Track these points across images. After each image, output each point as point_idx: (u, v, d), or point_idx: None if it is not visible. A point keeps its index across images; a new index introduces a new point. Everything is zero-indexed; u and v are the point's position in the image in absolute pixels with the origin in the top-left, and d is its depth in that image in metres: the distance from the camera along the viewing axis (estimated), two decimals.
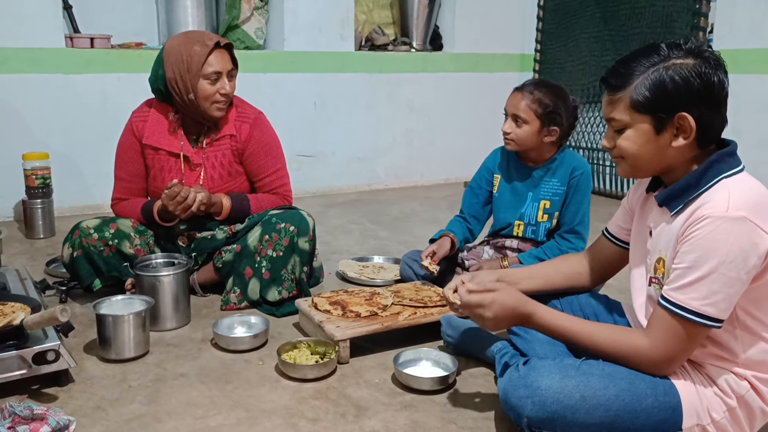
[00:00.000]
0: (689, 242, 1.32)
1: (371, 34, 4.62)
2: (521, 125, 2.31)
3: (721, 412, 1.40)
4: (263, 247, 2.25)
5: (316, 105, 4.26)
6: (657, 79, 1.34)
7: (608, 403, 1.38)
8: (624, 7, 4.12)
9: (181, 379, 1.83)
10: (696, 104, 1.34)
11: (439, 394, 1.76)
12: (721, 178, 1.35)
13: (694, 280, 1.31)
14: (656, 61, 1.36)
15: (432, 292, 2.24)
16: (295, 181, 4.23)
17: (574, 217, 2.36)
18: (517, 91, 2.33)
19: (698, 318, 1.32)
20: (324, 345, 1.93)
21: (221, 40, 2.28)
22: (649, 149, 1.40)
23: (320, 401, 1.72)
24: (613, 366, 1.46)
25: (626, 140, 1.41)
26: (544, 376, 1.41)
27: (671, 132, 1.37)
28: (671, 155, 1.40)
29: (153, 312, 2.08)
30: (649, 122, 1.37)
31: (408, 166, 4.68)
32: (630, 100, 1.37)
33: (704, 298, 1.31)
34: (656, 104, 1.35)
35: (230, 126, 2.39)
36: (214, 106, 2.29)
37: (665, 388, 1.40)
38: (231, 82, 2.31)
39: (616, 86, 1.39)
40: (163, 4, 3.98)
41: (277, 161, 2.47)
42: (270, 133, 2.48)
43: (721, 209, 1.30)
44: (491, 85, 4.75)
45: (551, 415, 1.38)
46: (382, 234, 3.41)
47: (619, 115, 1.40)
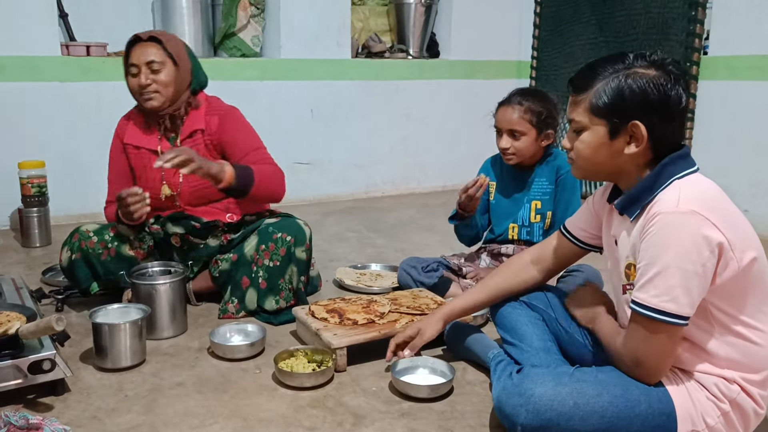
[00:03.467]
0: (645, 241, 1.35)
1: (368, 42, 4.63)
2: (519, 138, 2.31)
3: (716, 417, 1.40)
4: (260, 256, 2.25)
5: (312, 112, 4.26)
6: (616, 86, 1.38)
7: (602, 410, 1.38)
8: (619, 13, 4.13)
9: (178, 389, 1.82)
10: (650, 114, 1.38)
11: (437, 402, 1.75)
12: (674, 180, 1.38)
13: (651, 276, 1.32)
14: (619, 68, 1.39)
15: (429, 299, 2.24)
16: (291, 188, 4.21)
17: (564, 215, 2.36)
18: (506, 106, 2.33)
19: (658, 315, 1.32)
20: (321, 353, 1.92)
21: (143, 34, 2.28)
22: (602, 153, 1.43)
23: (317, 410, 1.71)
24: (606, 373, 1.46)
25: (582, 142, 1.45)
26: (538, 384, 1.42)
27: (624, 138, 1.41)
28: (623, 160, 1.43)
29: (149, 320, 2.07)
30: (604, 126, 1.41)
31: (405, 174, 4.68)
32: (589, 103, 1.41)
33: (663, 293, 1.31)
34: (612, 110, 1.39)
35: (200, 121, 2.36)
36: (142, 99, 2.29)
37: (659, 395, 1.40)
38: (155, 75, 2.25)
39: (580, 88, 1.43)
40: (160, 13, 3.98)
41: (257, 141, 2.41)
42: (244, 122, 2.43)
43: (671, 206, 1.32)
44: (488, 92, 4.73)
45: (545, 423, 1.38)
46: (380, 241, 3.41)
47: (579, 116, 1.43)
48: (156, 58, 2.24)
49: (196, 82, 2.37)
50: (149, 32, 2.30)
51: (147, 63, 2.24)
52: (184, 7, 3.92)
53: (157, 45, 2.26)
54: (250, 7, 4.09)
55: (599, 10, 4.28)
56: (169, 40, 2.29)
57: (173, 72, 2.27)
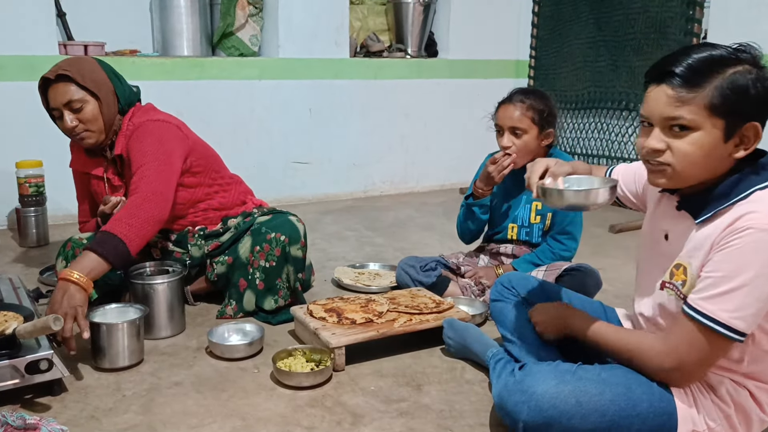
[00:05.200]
0: (726, 251, 1.28)
1: (366, 41, 4.62)
2: (521, 136, 2.31)
3: (718, 419, 1.40)
4: (255, 258, 2.24)
5: (311, 112, 4.25)
6: (741, 84, 1.26)
7: (604, 408, 1.38)
8: (617, 13, 4.13)
9: (176, 388, 1.81)
10: (765, 115, 1.31)
11: (435, 401, 1.75)
12: (754, 190, 1.31)
13: (726, 290, 1.27)
14: (730, 63, 1.28)
15: (428, 298, 2.24)
16: (290, 188, 4.29)
17: (565, 217, 2.37)
18: (507, 104, 2.32)
19: (725, 330, 1.28)
20: (319, 352, 1.92)
21: (51, 74, 2.12)
22: (714, 155, 1.30)
23: (316, 409, 1.71)
24: (609, 371, 1.46)
25: (692, 144, 1.29)
26: (540, 381, 1.41)
27: (735, 141, 1.30)
28: (725, 164, 1.33)
29: (147, 320, 2.06)
30: (722, 126, 1.28)
31: (404, 173, 4.68)
32: (709, 101, 1.26)
33: (735, 310, 1.27)
34: (734, 109, 1.27)
35: (119, 145, 2.23)
36: (76, 140, 2.21)
37: (661, 394, 1.40)
38: (78, 114, 2.13)
39: (692, 83, 1.27)
40: (158, 12, 3.97)
41: (144, 156, 2.13)
42: (144, 137, 2.18)
43: (764, 221, 1.25)
44: (486, 92, 4.74)
45: (547, 420, 1.38)
46: (378, 240, 3.40)
47: (691, 114, 1.27)
48: (73, 96, 2.11)
49: (123, 101, 2.23)
50: (56, 69, 2.12)
51: (65, 104, 2.12)
52: (182, 6, 3.90)
53: (70, 82, 2.11)
54: (249, 7, 4.08)
55: (597, 10, 4.27)
56: (81, 73, 2.12)
57: (96, 106, 2.15)
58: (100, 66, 2.22)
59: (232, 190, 2.44)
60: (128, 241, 1.93)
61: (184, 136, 2.27)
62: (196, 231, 2.36)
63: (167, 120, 2.26)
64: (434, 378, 1.89)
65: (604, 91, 4.28)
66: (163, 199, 2.09)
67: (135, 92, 2.30)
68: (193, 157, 2.28)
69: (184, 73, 3.84)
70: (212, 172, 2.36)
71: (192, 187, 2.30)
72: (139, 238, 1.98)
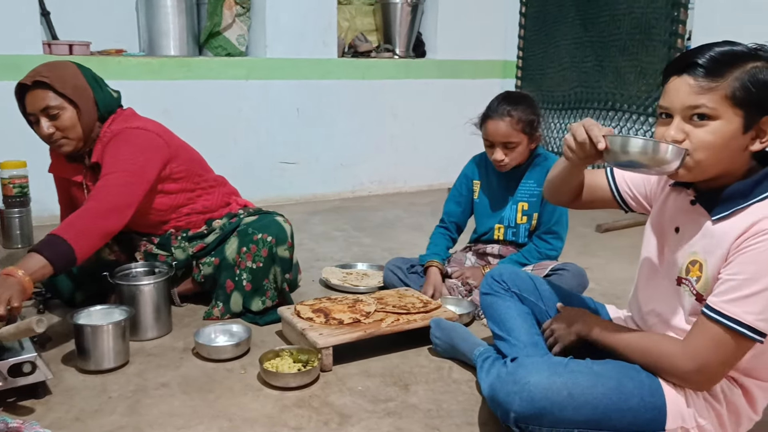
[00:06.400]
0: (750, 254, 1.29)
1: (354, 41, 4.62)
2: (513, 148, 2.31)
3: (709, 417, 1.41)
4: (242, 258, 2.23)
5: (299, 112, 4.24)
6: (760, 77, 1.29)
7: (595, 401, 1.39)
8: (603, 14, 4.15)
9: (163, 389, 1.80)
10: None
11: (423, 401, 1.75)
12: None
13: (751, 293, 1.28)
14: (750, 57, 1.31)
15: (415, 298, 2.24)
16: (278, 188, 4.28)
17: (551, 217, 2.38)
18: (495, 119, 2.30)
19: (751, 332, 1.29)
20: (307, 353, 1.91)
21: (28, 80, 2.07)
22: (732, 146, 1.31)
23: (303, 409, 1.70)
24: (601, 365, 1.47)
25: (712, 133, 1.30)
26: (533, 373, 1.42)
27: (752, 134, 1.32)
28: (741, 158, 1.35)
29: (133, 321, 2.05)
30: (741, 117, 1.30)
31: (392, 173, 4.68)
32: (730, 91, 1.28)
33: (760, 312, 1.28)
34: (755, 101, 1.29)
35: (95, 154, 2.18)
36: (54, 147, 2.17)
37: (652, 389, 1.41)
38: (56, 121, 2.08)
39: (715, 73, 1.29)
40: (144, 11, 3.95)
41: (114, 164, 2.09)
42: (118, 145, 2.13)
43: None
44: (474, 92, 4.76)
45: (539, 411, 1.39)
46: (366, 241, 3.40)
47: (713, 103, 1.29)
48: (51, 103, 2.06)
49: (103, 108, 2.18)
50: (33, 75, 2.07)
51: (42, 111, 2.07)
52: (168, 6, 3.88)
53: (48, 89, 2.06)
54: (236, 6, 4.06)
55: (584, 10, 4.29)
56: (59, 80, 2.07)
57: (73, 113, 2.10)
58: (80, 71, 2.17)
59: (215, 192, 2.42)
60: (77, 249, 1.88)
61: (164, 144, 2.21)
62: (179, 234, 2.34)
63: (146, 128, 2.20)
64: (422, 378, 1.89)
65: (590, 91, 4.30)
66: (121, 215, 2.03)
67: (115, 98, 2.25)
68: (174, 164, 2.24)
69: (170, 72, 3.82)
70: (195, 176, 2.33)
71: (173, 193, 2.27)
72: (87, 247, 1.93)
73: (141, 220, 2.25)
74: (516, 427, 1.42)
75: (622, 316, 1.75)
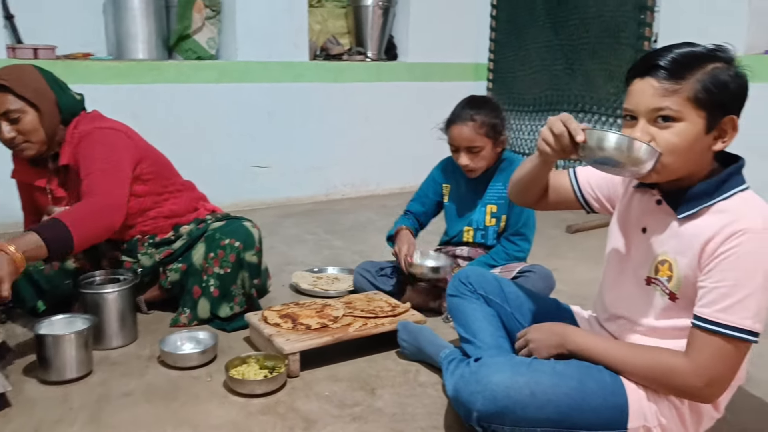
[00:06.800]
0: (730, 259, 1.29)
1: (326, 44, 4.62)
2: (478, 152, 2.33)
3: (670, 416, 1.42)
4: (209, 264, 2.21)
5: (270, 115, 4.23)
6: (721, 78, 1.31)
7: (557, 400, 1.40)
8: (573, 17, 4.20)
9: (126, 398, 1.78)
10: (740, 110, 1.36)
11: (388, 405, 1.75)
12: (736, 192, 1.35)
13: (742, 298, 1.28)
14: (711, 58, 1.33)
15: (384, 302, 2.24)
16: (250, 192, 4.25)
17: (519, 219, 2.40)
18: (459, 124, 2.32)
19: (751, 336, 1.30)
20: (273, 359, 1.90)
21: None
22: (696, 147, 1.33)
23: (268, 416, 1.70)
24: (564, 365, 1.48)
25: (677, 135, 1.32)
26: (495, 372, 1.43)
27: (714, 134, 1.34)
28: (705, 159, 1.37)
29: (97, 330, 2.02)
30: (704, 118, 1.32)
31: (364, 176, 4.68)
32: (692, 93, 1.30)
33: (755, 315, 1.29)
34: (716, 102, 1.31)
35: (65, 155, 2.16)
36: (15, 151, 2.14)
37: (614, 389, 1.42)
38: (17, 124, 2.05)
39: (677, 75, 1.31)
40: (111, 14, 3.90)
41: (93, 163, 2.08)
42: (91, 144, 2.12)
43: (758, 225, 1.29)
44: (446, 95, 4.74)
45: (501, 410, 1.39)
46: (337, 244, 3.40)
47: (676, 105, 1.31)
48: (11, 106, 2.03)
49: (66, 111, 2.15)
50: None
51: (2, 114, 2.04)
52: (136, 9, 3.84)
53: (7, 93, 2.03)
54: (205, 9, 4.03)
55: (554, 14, 4.34)
56: (18, 83, 2.04)
57: (35, 116, 2.07)
58: (41, 74, 2.14)
59: (183, 197, 2.40)
60: (75, 236, 1.87)
61: (133, 144, 2.22)
62: (146, 239, 2.32)
63: (115, 127, 2.20)
64: (388, 381, 1.89)
65: (560, 93, 4.35)
66: (118, 212, 2.06)
67: (79, 100, 2.23)
68: (143, 165, 2.23)
69: (139, 76, 3.78)
70: (163, 180, 2.32)
71: (141, 196, 2.25)
72: (86, 237, 1.93)
73: None
74: (479, 426, 1.43)
75: (585, 316, 1.76)
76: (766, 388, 1.87)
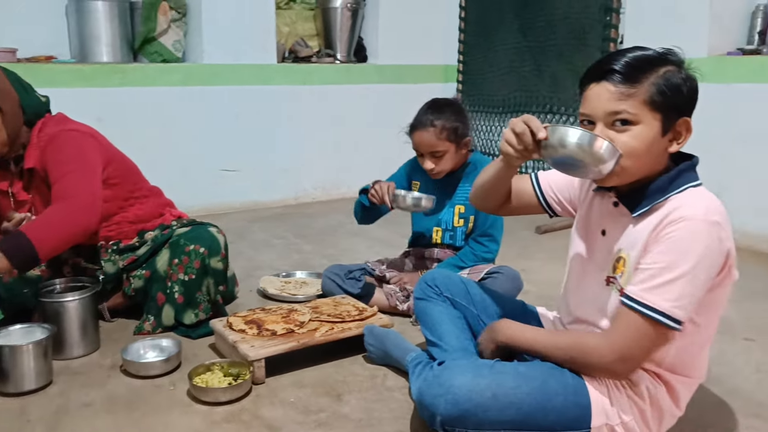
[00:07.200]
0: (665, 243, 1.33)
1: (294, 46, 4.59)
2: (441, 156, 2.33)
3: (632, 414, 1.44)
4: (173, 271, 2.18)
5: (238, 118, 4.19)
6: (675, 81, 1.34)
7: (519, 401, 1.40)
8: (540, 19, 4.23)
9: (86, 409, 1.74)
10: (692, 112, 1.38)
11: (355, 410, 1.74)
12: (687, 187, 1.38)
13: (667, 281, 1.31)
14: (663, 61, 1.35)
15: (351, 306, 2.23)
16: (219, 195, 4.20)
17: (486, 220, 2.41)
18: (420, 130, 2.32)
19: (667, 319, 1.32)
20: (238, 366, 1.88)
21: None
22: (653, 149, 1.36)
23: (232, 424, 1.67)
24: (527, 366, 1.48)
25: (635, 137, 1.34)
26: (458, 375, 1.43)
27: (670, 136, 1.37)
28: (661, 160, 1.40)
29: (58, 339, 1.98)
30: (659, 121, 1.34)
31: (335, 178, 4.66)
32: (647, 95, 1.33)
33: (676, 299, 1.31)
34: (671, 104, 1.34)
35: (30, 158, 2.11)
36: None
37: (576, 388, 1.43)
38: None
39: (632, 79, 1.33)
40: (74, 17, 3.83)
41: (64, 166, 2.05)
42: (59, 147, 2.09)
43: (698, 213, 1.31)
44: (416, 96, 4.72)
45: (464, 413, 1.39)
46: (307, 248, 3.38)
47: (633, 108, 1.33)
48: None
49: (30, 113, 2.11)
50: None
51: None
52: (100, 11, 3.78)
53: None
54: (171, 11, 3.98)
55: (521, 16, 4.36)
56: None
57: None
58: (5, 74, 2.09)
59: (149, 202, 2.36)
60: (39, 246, 1.85)
61: (101, 146, 2.19)
62: (110, 246, 2.28)
63: (81, 130, 2.16)
64: (355, 386, 1.88)
65: (529, 95, 4.37)
66: (92, 210, 2.04)
67: (44, 102, 2.19)
68: (110, 168, 2.19)
69: (104, 79, 3.72)
70: (129, 184, 2.28)
71: (106, 201, 2.20)
72: (59, 243, 1.93)
73: None
74: (442, 430, 1.42)
75: (551, 317, 1.77)
76: (727, 386, 1.90)
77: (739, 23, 3.60)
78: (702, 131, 1.42)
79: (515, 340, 1.57)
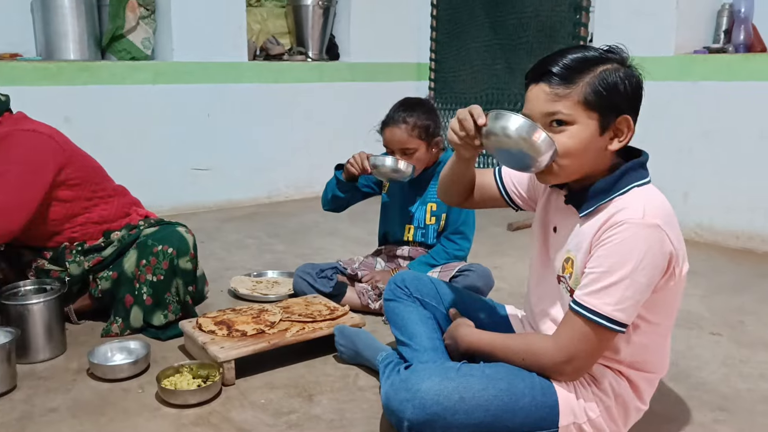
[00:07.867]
0: (605, 247, 1.34)
1: (266, 44, 4.55)
2: (412, 154, 2.33)
3: (598, 411, 1.45)
4: (141, 272, 2.14)
5: (210, 117, 4.14)
6: (611, 79, 1.35)
7: (487, 403, 1.40)
8: (511, 17, 4.25)
9: (51, 415, 1.71)
10: (635, 110, 1.39)
11: (327, 411, 1.73)
12: (632, 187, 1.39)
13: (608, 284, 1.33)
14: (600, 61, 1.36)
15: (323, 305, 2.22)
16: (190, 195, 4.16)
17: (458, 218, 2.41)
18: (391, 126, 2.33)
19: (608, 323, 1.33)
20: (207, 368, 1.86)
21: None
22: (591, 148, 1.37)
23: (201, 427, 1.65)
24: (493, 368, 1.48)
25: (571, 137, 1.36)
26: (425, 379, 1.42)
27: (610, 134, 1.38)
28: (604, 158, 1.41)
29: (22, 343, 1.94)
30: (596, 120, 1.36)
31: (308, 177, 4.63)
32: (582, 96, 1.34)
33: (616, 303, 1.33)
34: (607, 103, 1.35)
35: None
36: None
37: (543, 388, 1.44)
38: None
39: (566, 80, 1.35)
40: (40, 13, 3.75)
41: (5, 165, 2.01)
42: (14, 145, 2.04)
43: (637, 216, 1.32)
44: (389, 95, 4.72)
45: (431, 417, 1.39)
46: (279, 247, 3.35)
47: (567, 109, 1.35)
48: None
49: None
50: None
51: None
52: (66, 7, 3.70)
53: None
54: (140, 8, 3.92)
55: (492, 14, 4.38)
56: None
57: None
58: None
59: (114, 202, 2.31)
60: None
61: (59, 148, 2.12)
62: (74, 246, 2.23)
63: (38, 130, 2.10)
64: (326, 387, 1.87)
65: (500, 92, 4.40)
66: (20, 211, 1.99)
67: (3, 101, 2.14)
68: (69, 169, 2.14)
69: (70, 77, 3.65)
70: (92, 185, 2.23)
71: (68, 201, 2.16)
72: None
73: (32, 232, 2.13)
74: None
75: (519, 315, 1.78)
76: (694, 380, 1.93)
77: (705, 22, 3.66)
78: (669, 129, 1.43)
79: (474, 347, 1.58)
